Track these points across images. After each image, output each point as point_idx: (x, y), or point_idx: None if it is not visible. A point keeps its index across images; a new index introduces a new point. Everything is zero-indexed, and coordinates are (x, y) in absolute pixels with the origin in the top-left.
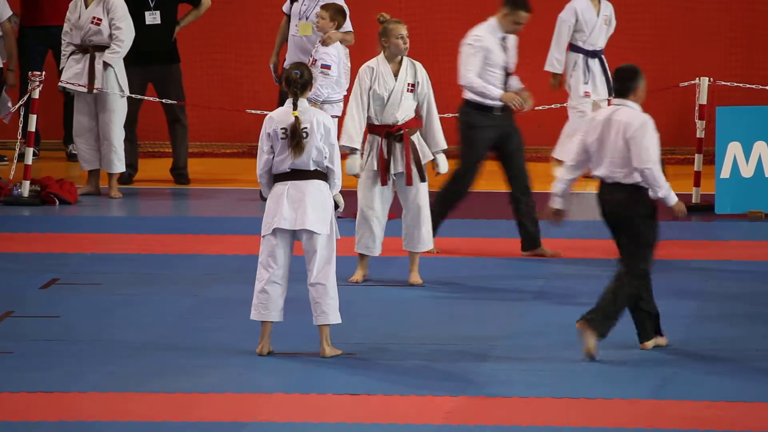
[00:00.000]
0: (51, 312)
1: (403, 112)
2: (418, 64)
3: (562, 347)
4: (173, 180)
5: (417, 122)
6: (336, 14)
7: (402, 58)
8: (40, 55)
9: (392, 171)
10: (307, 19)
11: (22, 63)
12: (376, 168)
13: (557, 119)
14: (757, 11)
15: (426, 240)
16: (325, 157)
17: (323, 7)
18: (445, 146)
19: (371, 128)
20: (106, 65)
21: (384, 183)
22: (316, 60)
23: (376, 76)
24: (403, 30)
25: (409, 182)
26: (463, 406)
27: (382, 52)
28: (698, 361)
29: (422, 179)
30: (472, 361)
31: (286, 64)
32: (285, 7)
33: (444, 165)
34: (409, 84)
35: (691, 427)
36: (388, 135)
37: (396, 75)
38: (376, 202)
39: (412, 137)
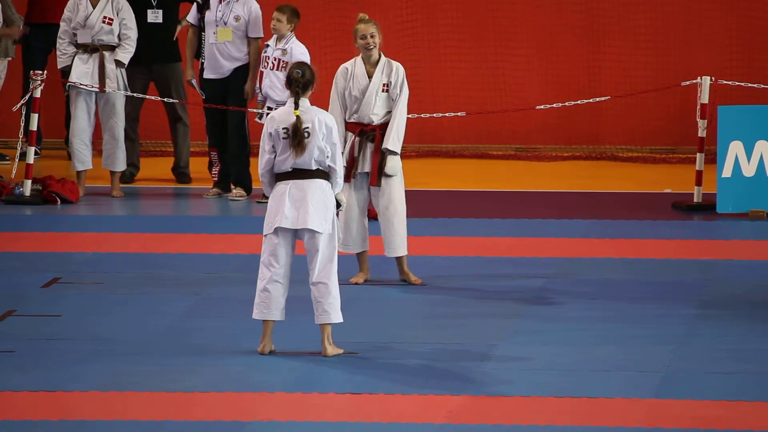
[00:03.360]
0: (52, 311)
1: (379, 111)
2: (396, 64)
3: (563, 346)
4: (175, 179)
5: None
6: (293, 16)
7: (380, 58)
8: (42, 52)
9: (360, 170)
10: (225, 24)
11: (24, 60)
12: (344, 165)
13: (554, 119)
14: (758, 10)
15: (397, 244)
16: (327, 156)
17: (280, 9)
18: (392, 147)
19: (346, 125)
20: (118, 64)
21: (348, 180)
22: (287, 63)
23: (350, 77)
24: (369, 29)
25: (373, 182)
26: (464, 405)
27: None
28: (699, 361)
29: (378, 183)
30: (473, 361)
31: (207, 74)
32: (191, 18)
33: (392, 166)
34: (383, 84)
35: (692, 426)
36: (361, 133)
37: (371, 75)
38: (350, 200)
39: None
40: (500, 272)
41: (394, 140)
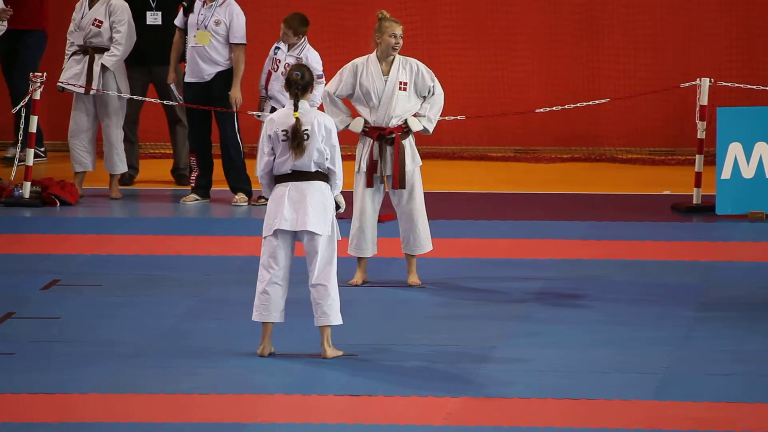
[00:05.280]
0: (52, 313)
1: (397, 112)
2: (413, 61)
3: (562, 348)
4: (174, 181)
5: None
6: (300, 26)
7: (394, 57)
8: (5, 56)
9: (380, 173)
10: (205, 28)
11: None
12: (365, 169)
13: (553, 120)
14: (757, 12)
15: (422, 243)
16: (326, 159)
17: (285, 21)
18: (425, 114)
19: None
20: (104, 68)
21: (369, 185)
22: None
23: (362, 73)
24: (398, 30)
25: (396, 185)
26: (463, 406)
27: (375, 50)
28: (698, 362)
29: (402, 185)
30: (472, 362)
31: (188, 78)
32: (178, 21)
33: (414, 122)
34: (401, 82)
35: (691, 427)
36: (380, 137)
37: (386, 74)
38: (366, 204)
39: (403, 141)
40: (499, 274)
41: (430, 116)
